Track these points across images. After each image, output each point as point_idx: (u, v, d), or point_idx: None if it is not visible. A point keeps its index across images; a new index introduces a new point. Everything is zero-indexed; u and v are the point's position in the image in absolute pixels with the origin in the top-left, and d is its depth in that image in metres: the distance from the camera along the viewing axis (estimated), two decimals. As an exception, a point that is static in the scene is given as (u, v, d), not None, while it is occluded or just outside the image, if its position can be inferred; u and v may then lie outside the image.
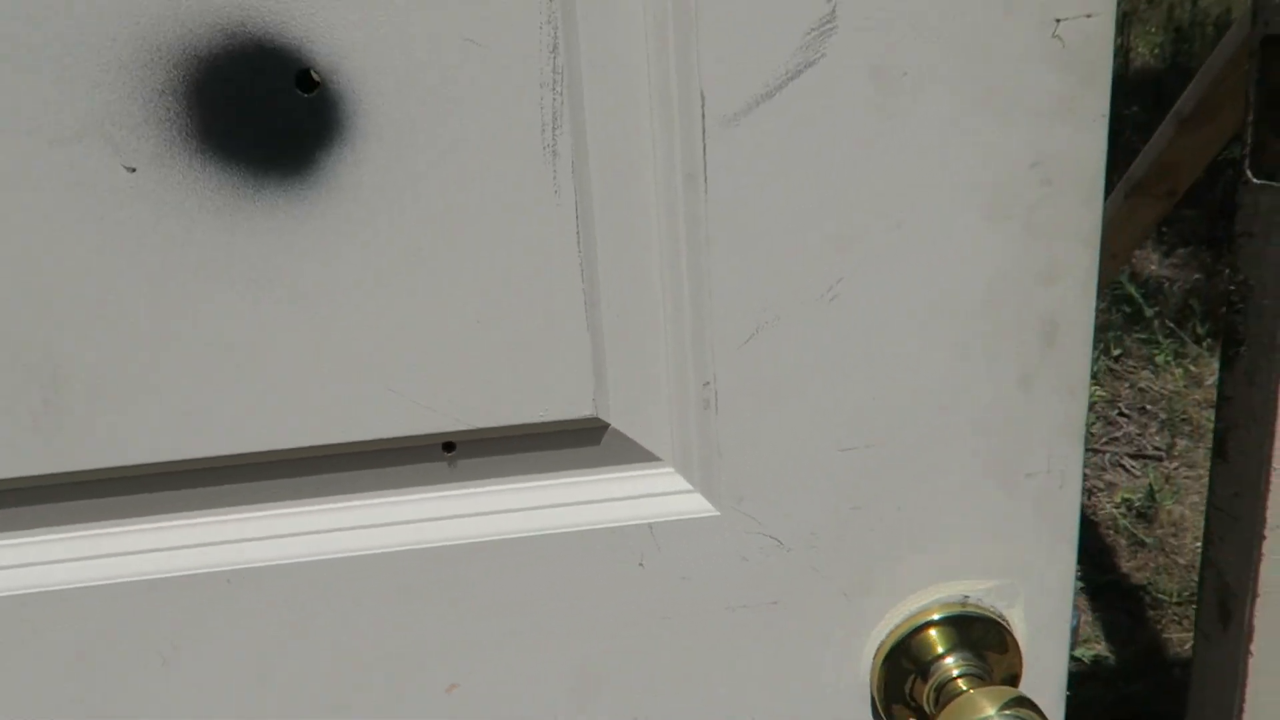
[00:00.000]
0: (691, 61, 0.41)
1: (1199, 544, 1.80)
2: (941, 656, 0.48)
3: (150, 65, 0.40)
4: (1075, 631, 0.48)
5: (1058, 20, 0.42)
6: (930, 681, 0.47)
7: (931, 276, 0.44)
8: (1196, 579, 1.71)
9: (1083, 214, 0.44)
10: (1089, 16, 0.42)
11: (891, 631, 0.48)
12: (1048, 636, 0.49)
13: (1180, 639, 1.58)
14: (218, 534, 0.46)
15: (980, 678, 0.47)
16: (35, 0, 0.38)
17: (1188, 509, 1.82)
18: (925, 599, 0.48)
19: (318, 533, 0.46)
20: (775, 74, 0.41)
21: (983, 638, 0.48)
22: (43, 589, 0.45)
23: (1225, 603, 0.51)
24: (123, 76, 0.40)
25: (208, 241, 0.41)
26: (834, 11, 0.41)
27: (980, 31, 0.41)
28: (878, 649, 0.49)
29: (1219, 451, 0.51)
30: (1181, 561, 1.71)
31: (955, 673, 0.47)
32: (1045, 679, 0.50)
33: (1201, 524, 1.81)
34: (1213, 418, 1.96)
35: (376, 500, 0.46)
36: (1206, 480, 1.88)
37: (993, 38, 0.41)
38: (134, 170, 0.41)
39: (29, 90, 0.39)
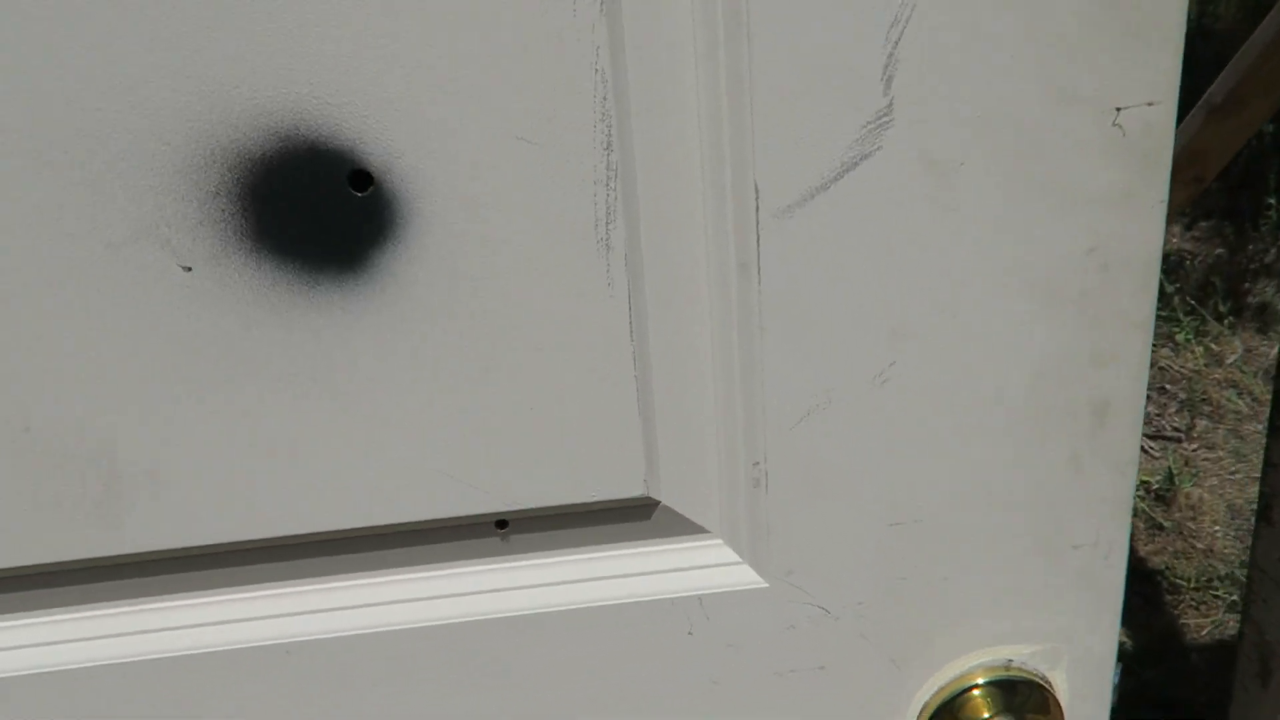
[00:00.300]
0: (746, 155, 0.40)
1: (1217, 528, 1.81)
2: (987, 719, 0.48)
3: (205, 168, 0.39)
4: (1117, 688, 0.49)
5: (1118, 109, 0.41)
6: (974, 746, 0.48)
7: (983, 361, 0.44)
8: (1214, 564, 1.71)
9: (1138, 298, 0.44)
10: (1150, 105, 0.41)
11: (936, 694, 0.49)
12: (1089, 698, 0.50)
13: (1198, 624, 1.59)
14: (278, 607, 0.46)
15: (1023, 742, 0.48)
16: (89, 104, 0.38)
17: (1206, 492, 1.82)
18: (970, 663, 0.49)
19: (376, 605, 0.47)
20: (830, 166, 0.41)
21: (1026, 700, 0.49)
22: (102, 662, 0.46)
23: (1266, 661, 0.52)
24: (177, 180, 0.40)
25: (264, 337, 0.42)
26: (891, 105, 0.40)
27: (1038, 122, 0.41)
28: (922, 710, 0.49)
29: (1263, 515, 0.51)
30: (1199, 546, 1.72)
31: (999, 737, 0.48)
32: (1086, 738, 0.51)
33: (1219, 507, 1.81)
34: (1233, 398, 1.95)
35: (432, 573, 0.47)
36: (1225, 463, 1.88)
37: (1051, 127, 0.41)
38: (190, 269, 0.41)
39: (84, 194, 0.39)
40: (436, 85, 0.39)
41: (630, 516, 0.46)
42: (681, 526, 0.47)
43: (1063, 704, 0.49)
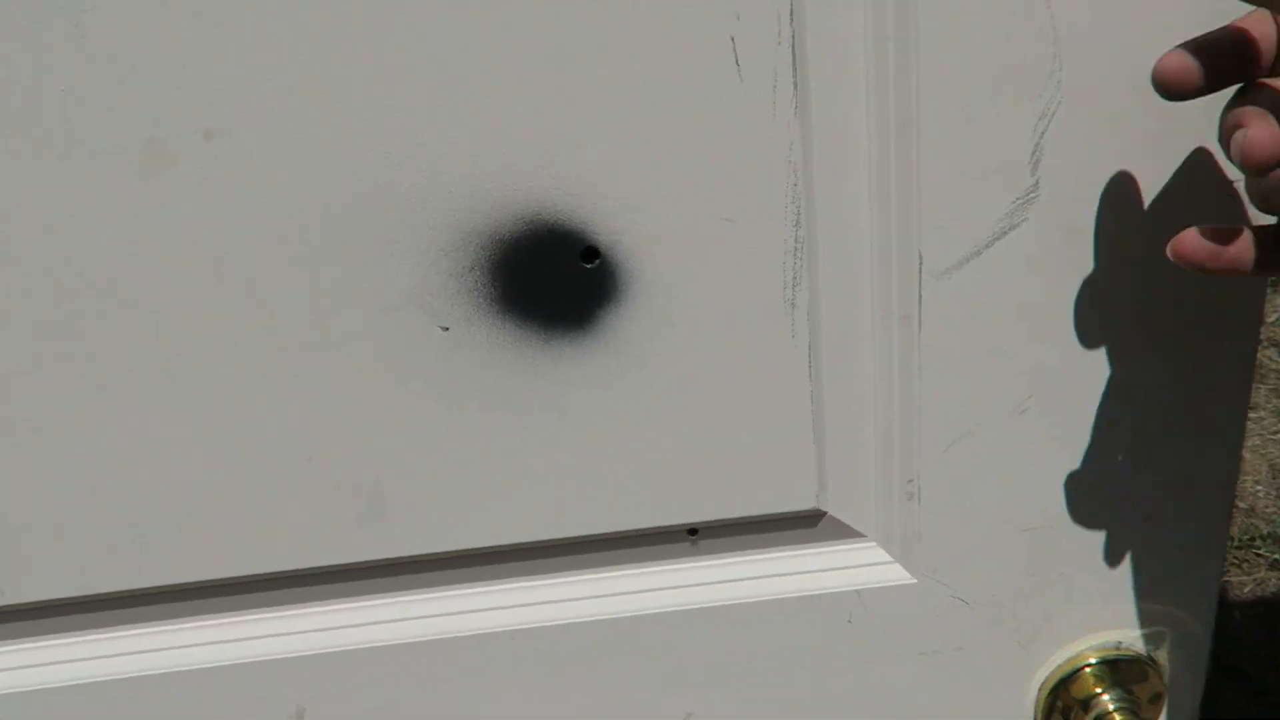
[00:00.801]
0: (912, 228, 0.46)
1: (1259, 487, 1.85)
2: (1099, 694, 0.55)
3: (462, 247, 0.46)
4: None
5: (1232, 181, 0.46)
6: (1089, 714, 0.55)
7: (1110, 392, 0.50)
8: (1256, 523, 1.75)
9: (1241, 331, 0.49)
10: (1256, 176, 0.46)
11: (1054, 671, 0.56)
12: (1187, 672, 0.57)
13: (1239, 582, 1.64)
14: (507, 600, 0.54)
15: (1132, 710, 0.55)
16: (374, 199, 0.45)
17: (1248, 451, 1.86)
18: (1084, 644, 0.56)
19: (588, 599, 0.54)
20: (984, 236, 0.47)
21: (1132, 675, 0.56)
22: (368, 645, 0.54)
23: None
24: (440, 258, 0.46)
25: (506, 383, 0.49)
26: (1037, 184, 0.46)
27: (1162, 193, 0.46)
28: (1042, 684, 0.56)
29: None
30: (1241, 505, 1.77)
31: (1110, 706, 0.55)
32: (1182, 705, 0.57)
33: (1261, 467, 1.83)
34: (1275, 357, 1.96)
35: (633, 572, 0.54)
36: (1267, 422, 1.90)
37: (1173, 198, 0.46)
38: (447, 329, 0.48)
39: (366, 270, 0.46)
40: (655, 175, 0.45)
41: (801, 524, 0.53)
42: (843, 532, 0.54)
43: (1164, 679, 0.56)
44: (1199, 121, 0.45)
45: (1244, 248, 0.40)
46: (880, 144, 0.46)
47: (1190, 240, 0.40)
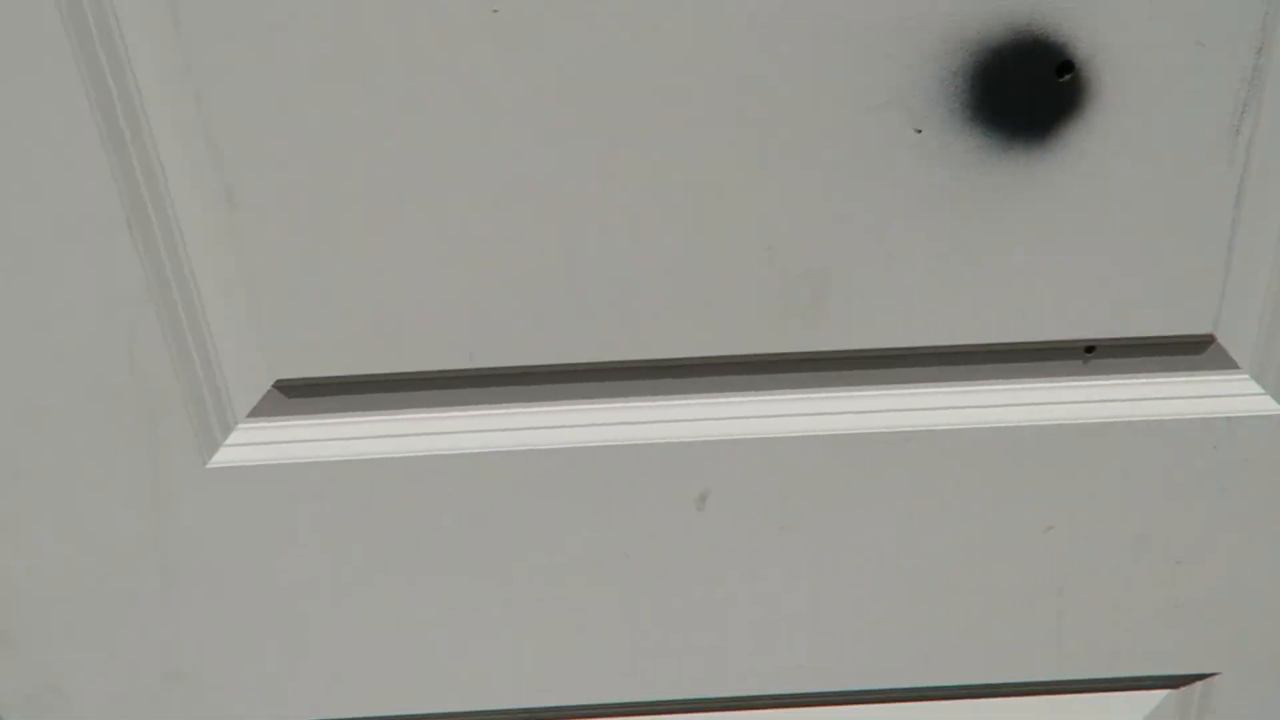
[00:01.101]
0: (1361, 65, 0.49)
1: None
2: None
3: (950, 52, 0.49)
4: None
5: None
6: None
7: None
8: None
9: None
10: None
11: (1389, 511, 0.59)
12: None
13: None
14: (906, 403, 0.57)
15: None
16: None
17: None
18: None
19: (986, 407, 0.57)
20: None
21: None
22: (780, 435, 0.57)
23: None
24: (928, 60, 0.49)
25: (964, 188, 0.51)
26: None
27: None
28: (1376, 523, 0.59)
29: None
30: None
31: None
32: None
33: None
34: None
35: (1027, 385, 0.57)
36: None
37: None
38: (920, 132, 0.50)
39: (856, 67, 0.49)
40: (1143, -3, 0.48)
41: (1187, 350, 0.56)
42: (1222, 361, 0.56)
43: None
44: None
45: None
46: (1346, -18, 0.48)
47: None
